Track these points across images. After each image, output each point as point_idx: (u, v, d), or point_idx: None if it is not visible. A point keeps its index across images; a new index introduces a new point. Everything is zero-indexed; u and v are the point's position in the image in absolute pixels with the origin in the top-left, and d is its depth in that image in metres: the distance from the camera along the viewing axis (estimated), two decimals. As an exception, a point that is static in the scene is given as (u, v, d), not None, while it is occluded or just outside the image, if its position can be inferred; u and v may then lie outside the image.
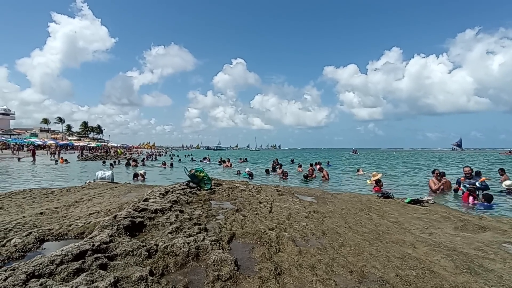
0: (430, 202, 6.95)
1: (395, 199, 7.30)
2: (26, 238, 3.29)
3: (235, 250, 3.23)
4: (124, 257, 2.62)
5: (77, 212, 5.17)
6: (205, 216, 4.46)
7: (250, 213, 5.00)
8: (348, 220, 4.82)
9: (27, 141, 54.98)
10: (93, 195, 6.93)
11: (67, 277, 2.16)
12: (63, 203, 5.92)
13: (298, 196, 7.00)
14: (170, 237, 3.23)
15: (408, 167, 24.03)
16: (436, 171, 10.14)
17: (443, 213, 5.77)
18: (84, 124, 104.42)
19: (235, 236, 3.70)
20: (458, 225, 4.90)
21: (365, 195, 7.94)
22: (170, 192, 5.62)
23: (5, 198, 6.63)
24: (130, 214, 3.72)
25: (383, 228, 4.42)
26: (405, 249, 3.44)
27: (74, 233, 3.66)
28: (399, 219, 5.21)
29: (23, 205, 5.92)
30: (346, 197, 7.31)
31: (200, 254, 2.89)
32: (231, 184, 7.70)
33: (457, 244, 3.81)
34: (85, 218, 4.50)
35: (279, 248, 3.30)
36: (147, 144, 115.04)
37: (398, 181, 14.09)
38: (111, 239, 2.88)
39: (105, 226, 3.27)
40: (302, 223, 4.41)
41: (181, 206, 4.78)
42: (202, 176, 6.65)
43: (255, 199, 6.12)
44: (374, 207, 6.18)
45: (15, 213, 5.17)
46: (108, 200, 6.18)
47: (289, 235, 3.71)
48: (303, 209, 5.44)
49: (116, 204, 5.50)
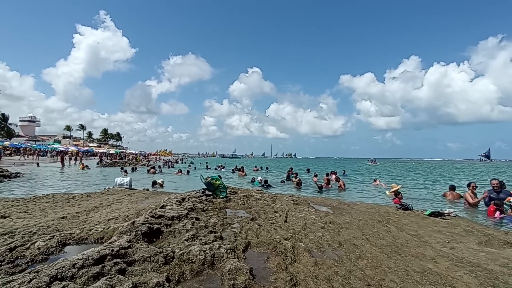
0: (452, 215, 6.70)
1: (414, 211, 7.09)
2: (49, 242, 3.41)
3: (250, 259, 3.22)
4: (142, 263, 2.67)
5: (96, 217, 5.31)
6: (220, 224, 4.49)
7: (265, 222, 4.98)
8: (365, 232, 4.71)
9: (50, 147, 57.18)
10: (112, 201, 7.11)
11: (87, 281, 2.23)
12: (84, 208, 6.10)
13: (313, 206, 6.92)
14: (186, 244, 3.26)
15: (429, 179, 23.30)
16: (472, 184, 9.62)
17: (465, 227, 5.55)
18: (104, 131, 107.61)
19: (250, 245, 3.69)
20: (482, 240, 4.69)
21: (383, 206, 7.75)
22: (186, 200, 5.69)
23: (29, 202, 6.91)
24: (147, 221, 3.79)
25: (402, 241, 4.30)
26: (426, 263, 3.33)
27: (94, 237, 3.77)
28: (418, 232, 5.05)
29: (46, 209, 6.14)
30: (363, 208, 7.15)
31: (215, 262, 2.90)
32: (246, 193, 7.72)
33: (481, 259, 3.65)
34: (104, 223, 4.62)
35: (295, 258, 3.27)
36: (164, 151, 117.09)
37: (417, 193, 13.68)
38: (129, 245, 2.95)
39: (123, 231, 3.35)
40: (318, 233, 4.35)
41: (197, 213, 4.83)
42: (218, 184, 6.71)
43: (270, 208, 6.10)
44: (392, 219, 6.02)
45: (38, 217, 5.38)
46: (126, 206, 6.32)
47: (304, 245, 3.68)
48: (319, 219, 5.37)
49: (134, 210, 5.62)
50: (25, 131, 77.82)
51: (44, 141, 72.49)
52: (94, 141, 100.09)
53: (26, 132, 77.74)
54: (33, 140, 69.38)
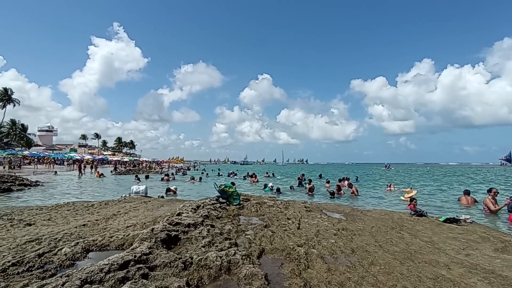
0: (468, 221, 6.62)
1: (429, 217, 7.03)
2: (74, 248, 3.61)
3: (265, 265, 3.33)
4: (163, 268, 2.82)
5: (115, 224, 5.52)
6: (235, 231, 4.62)
7: (278, 229, 5.08)
8: (378, 239, 4.75)
9: (67, 156, 58.80)
10: (129, 208, 7.35)
11: (114, 285, 2.39)
12: (103, 216, 6.34)
13: (326, 213, 6.97)
14: (203, 251, 3.40)
15: (445, 184, 22.82)
16: (494, 190, 9.34)
17: (482, 233, 5.49)
18: (118, 140, 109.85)
19: (264, 251, 3.80)
20: (499, 247, 4.65)
21: (397, 213, 7.71)
22: (201, 207, 5.85)
23: (52, 210, 7.22)
24: (166, 228, 3.96)
25: (415, 248, 4.32)
26: (439, 270, 3.36)
27: (115, 244, 3.95)
28: (433, 239, 5.04)
29: (68, 217, 6.41)
30: (377, 215, 7.15)
31: (231, 268, 3.02)
32: (259, 200, 7.83)
33: (496, 266, 3.64)
34: (123, 230, 4.82)
35: (308, 264, 3.36)
36: (176, 158, 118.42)
37: (432, 198, 13.45)
38: (150, 251, 3.11)
39: (144, 238, 3.52)
40: (331, 240, 4.42)
41: (212, 220, 4.97)
42: (231, 192, 6.85)
43: (283, 215, 6.19)
44: (406, 226, 6.00)
45: (61, 224, 5.63)
46: (143, 214, 6.53)
47: (318, 252, 3.76)
48: (332, 226, 5.43)
49: (150, 218, 5.81)
50: (43, 141, 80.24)
51: (61, 150, 74.56)
52: (109, 149, 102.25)
53: (44, 141, 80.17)
54: (50, 149, 71.52)
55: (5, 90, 59.71)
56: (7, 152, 43.17)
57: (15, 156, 39.88)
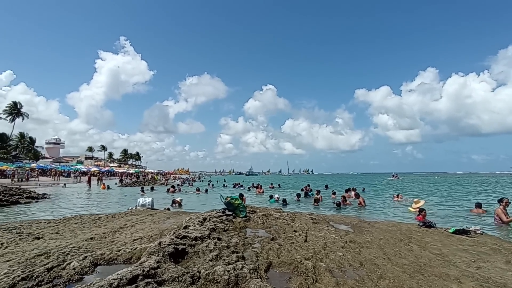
0: (478, 233, 6.51)
1: (438, 229, 6.93)
2: (82, 262, 3.63)
3: (272, 279, 3.31)
4: (171, 282, 2.83)
5: (122, 237, 5.54)
6: (241, 244, 4.60)
7: (285, 241, 5.05)
8: (386, 251, 4.69)
9: (73, 168, 59.35)
10: (136, 221, 7.36)
11: (123, 300, 2.40)
12: (110, 229, 6.36)
13: (333, 225, 6.91)
14: (211, 265, 3.40)
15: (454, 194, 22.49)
16: (505, 200, 9.06)
17: (492, 245, 5.39)
18: (124, 152, 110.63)
19: (272, 265, 3.78)
20: (510, 259, 4.56)
21: (405, 224, 7.62)
22: (207, 220, 5.85)
23: (59, 223, 7.27)
24: (173, 241, 3.97)
25: (425, 260, 4.25)
26: (449, 283, 3.31)
27: (123, 258, 3.96)
28: (442, 251, 4.96)
29: (75, 230, 6.45)
30: (384, 226, 7.07)
31: (239, 282, 3.01)
32: (265, 212, 7.80)
33: (508, 279, 3.57)
34: (130, 243, 4.83)
35: (316, 278, 3.33)
36: (182, 169, 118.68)
37: (441, 209, 13.25)
38: (158, 265, 3.12)
39: (151, 252, 3.53)
40: (339, 253, 4.38)
41: (218, 233, 4.97)
42: (238, 204, 6.85)
43: (290, 227, 6.16)
44: (414, 237, 5.92)
45: (69, 238, 5.67)
46: (149, 227, 6.54)
47: (325, 265, 3.73)
48: (339, 238, 5.38)
49: (157, 231, 5.82)
50: (51, 153, 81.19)
51: (68, 162, 75.31)
52: (115, 161, 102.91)
53: (51, 154, 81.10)
54: (57, 161, 72.26)
55: (15, 104, 61.02)
56: (15, 165, 43.71)
57: (22, 168, 40.32)
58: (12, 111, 60.34)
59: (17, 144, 61.68)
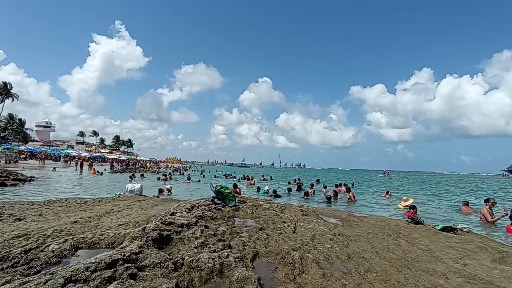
0: (465, 231, 6.54)
1: (426, 225, 6.95)
2: (62, 245, 3.50)
3: (258, 269, 3.24)
4: (152, 268, 2.72)
5: (107, 222, 5.40)
6: (229, 232, 4.52)
7: (273, 232, 4.98)
8: (375, 245, 4.66)
9: (63, 152, 58.50)
10: (123, 206, 7.22)
11: (100, 284, 2.28)
12: (95, 213, 6.21)
13: (323, 218, 6.88)
14: (196, 252, 3.30)
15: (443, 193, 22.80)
16: (491, 200, 9.26)
17: (479, 243, 5.41)
18: (116, 138, 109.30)
19: (258, 254, 3.71)
20: (496, 257, 4.57)
21: (394, 220, 7.63)
22: (195, 207, 5.75)
23: (43, 206, 7.08)
24: (158, 227, 3.85)
25: (412, 256, 4.23)
26: (436, 279, 3.28)
27: (106, 242, 3.84)
28: (430, 247, 4.95)
29: (59, 213, 6.28)
30: (373, 221, 7.06)
31: (224, 270, 2.93)
32: (255, 202, 7.73)
33: (494, 277, 3.56)
34: (115, 228, 4.70)
35: (303, 269, 3.26)
36: (174, 158, 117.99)
37: (430, 206, 13.40)
38: (140, 250, 3.00)
39: (135, 237, 3.41)
40: (327, 245, 4.33)
41: (206, 221, 4.87)
42: (227, 193, 6.75)
43: (279, 218, 6.10)
44: (403, 233, 5.92)
45: (52, 220, 5.50)
46: (136, 212, 6.41)
47: (313, 256, 3.66)
48: (328, 231, 5.34)
49: (144, 217, 5.70)
50: (40, 136, 79.84)
51: (58, 146, 74.19)
52: (106, 147, 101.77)
53: (41, 137, 79.76)
54: (47, 145, 71.12)
55: (4, 84, 59.45)
56: (3, 146, 42.84)
57: (10, 150, 39.54)
58: (1, 91, 58.80)
59: (5, 126, 60.35)
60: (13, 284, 2.18)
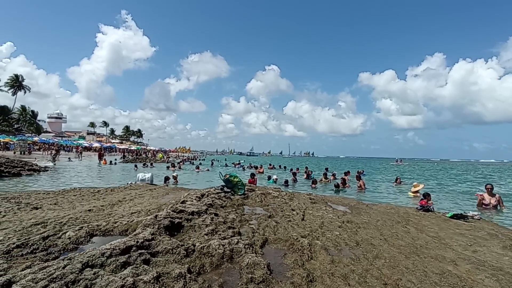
0: (476, 218, 6.49)
1: (435, 213, 6.92)
2: (78, 232, 3.62)
3: (267, 255, 3.30)
4: (165, 254, 2.81)
5: (120, 210, 5.55)
6: (238, 220, 4.59)
7: (282, 219, 5.04)
8: (383, 232, 4.68)
9: (75, 143, 59.62)
10: (134, 195, 7.39)
11: (115, 269, 2.38)
12: (108, 202, 6.38)
13: (331, 205, 6.91)
14: (206, 239, 3.39)
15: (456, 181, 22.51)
16: (488, 186, 9.44)
17: (490, 230, 5.38)
18: (126, 128, 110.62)
19: (267, 241, 3.77)
20: (507, 244, 4.54)
21: (403, 207, 7.61)
22: (205, 196, 5.84)
23: (58, 195, 7.30)
24: (169, 215, 3.95)
25: (421, 242, 4.24)
26: (445, 265, 3.29)
27: (119, 230, 3.96)
28: (439, 234, 4.95)
29: (74, 202, 6.47)
30: (382, 209, 7.07)
31: (234, 256, 3.00)
32: (264, 190, 7.80)
33: (504, 264, 3.55)
34: (128, 216, 4.83)
35: (312, 256, 3.32)
36: (183, 148, 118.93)
37: (440, 194, 13.26)
38: (153, 237, 3.10)
39: (147, 224, 3.51)
40: (335, 232, 4.37)
41: (216, 209, 4.96)
42: (236, 182, 6.82)
43: (288, 206, 6.15)
44: (412, 220, 5.92)
45: (67, 209, 5.68)
46: (148, 201, 6.56)
47: (321, 243, 3.71)
48: (337, 218, 5.37)
49: (155, 205, 5.83)
50: (53, 127, 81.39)
51: (70, 137, 75.58)
52: (117, 137, 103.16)
53: (53, 128, 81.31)
54: (59, 136, 72.55)
55: (16, 76, 60.51)
56: (17, 138, 43.89)
57: (24, 141, 40.50)
58: (13, 83, 59.87)
59: (19, 117, 61.65)
60: (34, 269, 2.29)
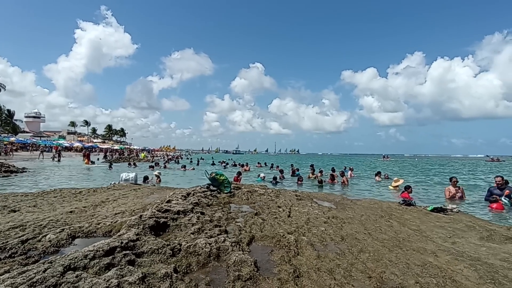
0: (454, 211, 6.74)
1: (417, 207, 7.13)
2: (59, 235, 3.52)
3: (254, 252, 3.31)
4: (150, 254, 2.77)
5: (103, 211, 5.42)
6: (225, 218, 4.58)
7: (269, 216, 5.07)
8: (367, 227, 4.79)
9: (55, 143, 57.67)
10: (118, 195, 7.24)
11: (99, 271, 2.33)
12: (91, 203, 6.22)
13: (317, 202, 6.99)
14: (193, 238, 3.36)
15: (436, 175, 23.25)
16: (453, 179, 10.05)
17: (467, 222, 5.59)
18: (109, 127, 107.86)
19: (254, 238, 3.78)
20: (484, 235, 4.74)
21: (386, 202, 7.80)
22: (191, 195, 5.79)
23: (38, 196, 7.05)
24: (154, 215, 3.89)
25: (404, 236, 4.36)
26: (426, 257, 3.40)
27: (102, 231, 3.87)
28: (420, 227, 5.11)
29: (54, 203, 6.27)
30: (366, 204, 7.22)
31: (221, 254, 2.99)
32: (250, 188, 7.81)
33: (481, 254, 3.70)
34: (111, 217, 4.73)
35: (298, 251, 3.35)
36: (167, 147, 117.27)
37: (419, 188, 13.68)
38: (137, 237, 3.05)
39: (131, 225, 3.45)
40: (321, 228, 4.43)
41: (202, 208, 4.92)
42: (222, 180, 6.80)
43: (274, 203, 6.19)
44: (394, 214, 6.08)
45: (47, 211, 5.50)
46: (132, 201, 6.44)
47: (307, 239, 3.76)
48: (322, 214, 5.45)
49: (140, 205, 5.73)
50: (30, 127, 78.31)
51: (49, 137, 73.06)
52: (99, 137, 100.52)
53: (31, 128, 78.24)
54: (38, 136, 69.97)
55: (-11, 74, 57.71)
56: (-8, 138, 42.05)
57: (1, 142, 38.88)
58: (-13, 82, 57.14)
59: (-7, 117, 59.03)
60: (12, 273, 2.21)
